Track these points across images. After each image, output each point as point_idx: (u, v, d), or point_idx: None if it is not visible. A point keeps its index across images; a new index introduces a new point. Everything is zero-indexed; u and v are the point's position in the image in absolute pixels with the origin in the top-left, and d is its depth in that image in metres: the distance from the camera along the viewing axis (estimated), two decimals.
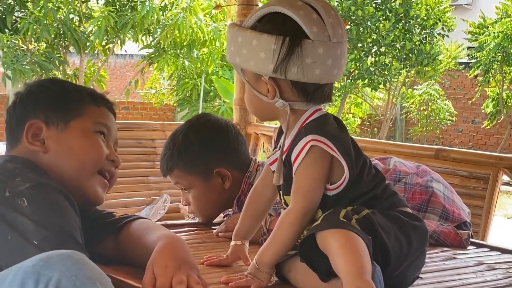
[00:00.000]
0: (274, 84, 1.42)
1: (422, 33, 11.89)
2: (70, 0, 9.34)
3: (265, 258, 1.43)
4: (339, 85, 11.72)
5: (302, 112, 1.45)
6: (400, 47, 11.65)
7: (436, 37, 12.18)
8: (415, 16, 11.65)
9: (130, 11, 9.46)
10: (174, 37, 9.49)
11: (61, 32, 9.30)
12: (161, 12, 9.58)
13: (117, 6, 9.57)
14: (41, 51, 9.49)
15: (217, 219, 2.16)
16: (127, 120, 11.13)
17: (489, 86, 12.73)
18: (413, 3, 11.64)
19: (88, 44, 9.52)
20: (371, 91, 12.58)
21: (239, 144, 2.11)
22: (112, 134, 1.61)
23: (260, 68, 1.41)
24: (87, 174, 1.53)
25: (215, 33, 9.59)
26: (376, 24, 11.36)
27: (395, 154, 2.57)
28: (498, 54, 12.05)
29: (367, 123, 14.52)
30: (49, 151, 1.51)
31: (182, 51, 9.93)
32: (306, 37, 1.38)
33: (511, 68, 12.30)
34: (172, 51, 9.91)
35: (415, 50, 11.69)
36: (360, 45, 11.45)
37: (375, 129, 14.17)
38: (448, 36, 12.44)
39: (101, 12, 9.29)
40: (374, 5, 11.49)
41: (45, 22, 8.98)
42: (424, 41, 11.85)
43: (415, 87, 13.47)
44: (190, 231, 2.01)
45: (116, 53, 11.60)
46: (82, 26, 9.61)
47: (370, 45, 11.59)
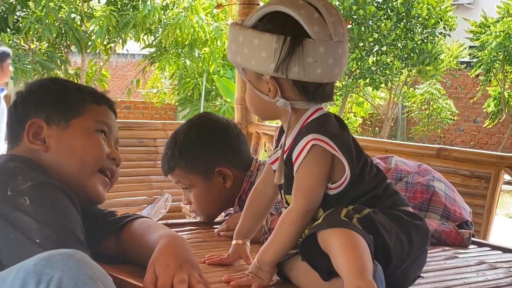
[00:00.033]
0: (275, 83, 1.42)
1: (424, 32, 11.89)
2: None
3: (266, 257, 1.43)
4: (341, 85, 11.71)
5: (303, 111, 1.45)
6: (401, 46, 11.65)
7: (438, 36, 12.18)
8: (416, 15, 11.64)
9: (131, 10, 9.48)
10: (175, 36, 9.50)
11: (63, 32, 9.31)
12: (162, 12, 9.59)
13: (119, 6, 9.58)
14: (43, 50, 9.51)
15: (218, 218, 2.16)
16: (128, 120, 11.12)
17: (491, 85, 12.72)
18: (415, 2, 11.64)
19: (89, 43, 9.53)
20: (373, 90, 12.58)
21: (240, 143, 2.11)
22: (113, 133, 1.61)
23: (262, 67, 1.41)
24: (88, 172, 1.53)
25: (217, 33, 9.60)
26: (378, 23, 11.35)
27: (396, 153, 2.57)
28: (500, 53, 12.04)
29: (369, 123, 14.51)
30: (50, 150, 1.51)
31: (183, 51, 9.94)
32: (307, 36, 1.38)
33: None
34: (173, 50, 9.91)
35: (417, 49, 11.68)
36: (361, 44, 11.45)
37: (377, 128, 14.16)
38: (449, 35, 12.43)
39: (102, 11, 9.30)
40: (376, 4, 11.49)
41: (47, 21, 9.00)
42: (425, 40, 11.84)
43: (416, 86, 13.46)
44: (191, 230, 2.01)
45: (117, 52, 11.63)
46: (83, 26, 9.63)
47: (372, 44, 11.59)
